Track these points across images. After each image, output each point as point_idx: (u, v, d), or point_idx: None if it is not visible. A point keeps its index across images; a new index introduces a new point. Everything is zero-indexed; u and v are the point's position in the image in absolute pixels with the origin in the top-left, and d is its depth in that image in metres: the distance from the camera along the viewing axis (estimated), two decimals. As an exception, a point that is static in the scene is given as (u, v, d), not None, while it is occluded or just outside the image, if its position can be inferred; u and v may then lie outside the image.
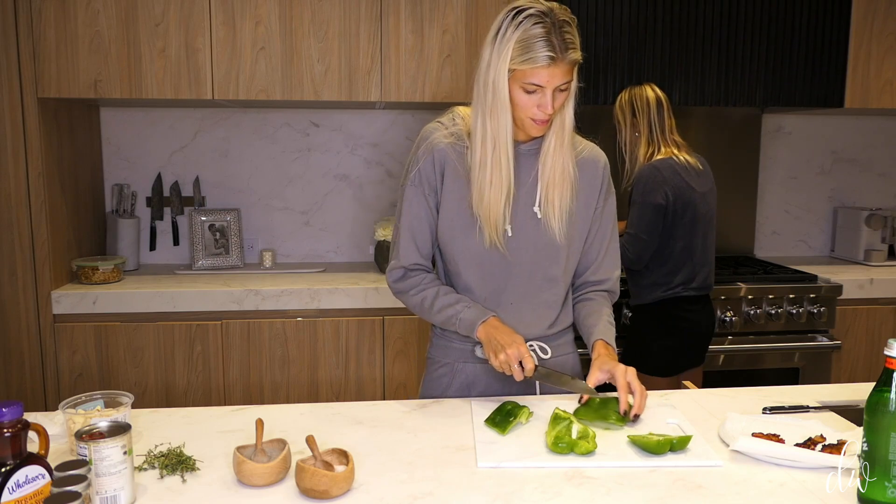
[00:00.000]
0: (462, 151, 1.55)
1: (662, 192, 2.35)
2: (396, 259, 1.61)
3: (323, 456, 1.20)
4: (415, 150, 1.60)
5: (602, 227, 1.65)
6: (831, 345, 2.76)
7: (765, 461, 1.27)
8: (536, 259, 1.58)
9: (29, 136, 2.52)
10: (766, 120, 3.34)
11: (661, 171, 2.37)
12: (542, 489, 1.18)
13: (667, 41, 2.78)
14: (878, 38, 2.91)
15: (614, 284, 1.70)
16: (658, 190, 2.35)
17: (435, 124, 1.60)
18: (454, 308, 1.56)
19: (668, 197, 2.35)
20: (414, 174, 1.58)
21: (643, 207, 2.37)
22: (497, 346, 1.49)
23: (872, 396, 1.09)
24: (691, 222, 2.39)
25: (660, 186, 2.35)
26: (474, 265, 1.58)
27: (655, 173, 2.37)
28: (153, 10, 2.55)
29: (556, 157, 1.53)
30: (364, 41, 2.66)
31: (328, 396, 2.68)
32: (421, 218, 1.58)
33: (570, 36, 1.41)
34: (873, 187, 3.48)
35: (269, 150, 3.12)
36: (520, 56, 1.40)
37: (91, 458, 1.07)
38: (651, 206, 2.36)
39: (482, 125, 1.48)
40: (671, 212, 2.37)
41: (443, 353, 1.69)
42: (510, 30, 1.42)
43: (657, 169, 2.38)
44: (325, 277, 2.82)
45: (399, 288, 1.63)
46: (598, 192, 1.62)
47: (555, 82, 1.43)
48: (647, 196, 2.36)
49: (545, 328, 1.63)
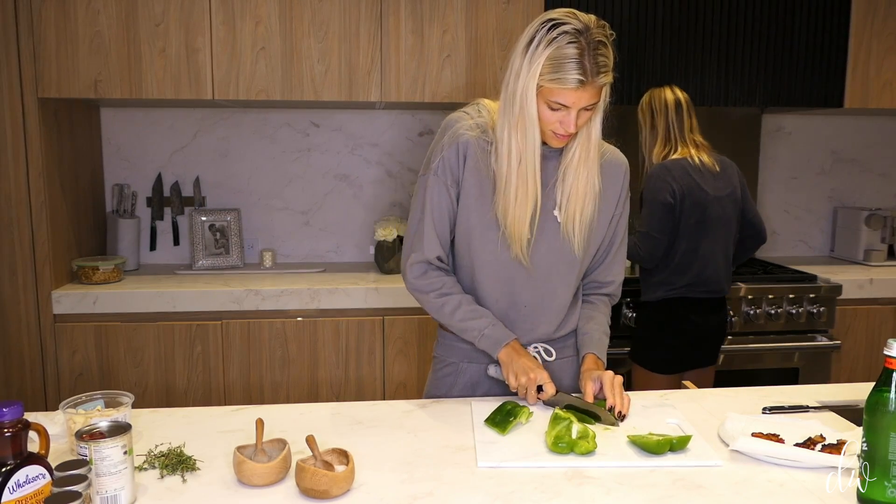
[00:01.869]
0: (486, 148, 1.52)
1: (670, 190, 2.36)
2: (419, 252, 1.56)
3: (323, 456, 1.20)
4: (438, 138, 1.56)
5: (616, 232, 1.65)
6: (831, 345, 2.76)
7: (765, 461, 1.27)
8: (554, 264, 1.57)
9: (29, 136, 2.52)
10: (766, 120, 3.34)
11: (671, 171, 2.38)
12: (542, 489, 1.18)
13: (667, 41, 2.78)
14: (878, 38, 2.91)
15: (617, 288, 1.70)
16: (665, 188, 2.36)
17: (460, 113, 1.56)
18: (477, 322, 1.55)
19: (675, 195, 2.36)
20: (437, 163, 1.54)
21: (653, 205, 2.39)
22: (518, 369, 1.50)
23: (872, 396, 1.09)
24: (699, 224, 2.39)
25: (667, 185, 2.37)
26: (490, 267, 1.57)
27: (664, 172, 2.39)
28: (153, 10, 2.55)
29: (580, 169, 1.51)
30: (364, 41, 2.66)
31: (328, 396, 2.68)
32: (443, 209, 1.55)
33: (603, 58, 1.38)
34: (873, 187, 3.48)
35: (269, 150, 3.12)
36: (549, 74, 1.38)
37: (91, 458, 1.07)
38: (660, 205, 2.37)
39: (508, 137, 1.46)
40: (678, 211, 2.37)
41: (448, 351, 1.69)
42: (542, 44, 1.38)
43: (667, 168, 2.39)
44: (325, 277, 2.82)
45: (419, 286, 1.58)
46: (617, 198, 1.62)
47: (581, 104, 1.41)
48: (656, 194, 2.38)
49: (552, 331, 1.63)
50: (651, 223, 2.39)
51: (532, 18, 2.70)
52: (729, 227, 2.46)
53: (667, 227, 2.39)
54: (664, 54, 2.78)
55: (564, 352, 1.66)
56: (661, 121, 2.45)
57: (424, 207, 1.55)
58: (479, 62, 2.71)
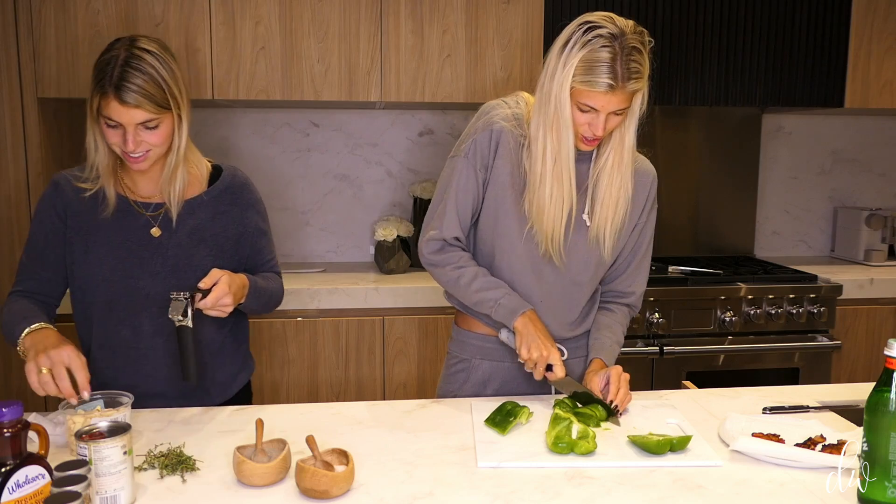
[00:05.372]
0: (521, 141, 1.52)
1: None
2: (438, 230, 1.57)
3: (323, 456, 1.20)
4: (474, 122, 1.57)
5: (640, 241, 1.65)
6: (831, 345, 2.76)
7: (765, 461, 1.27)
8: (577, 265, 1.58)
9: (29, 136, 2.52)
10: (766, 120, 3.34)
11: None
12: (542, 489, 1.18)
13: (667, 41, 2.78)
14: (878, 38, 2.91)
15: (637, 300, 1.70)
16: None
17: (498, 101, 1.57)
18: (494, 292, 1.54)
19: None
20: (468, 146, 1.54)
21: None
22: (532, 340, 1.50)
23: (872, 396, 1.09)
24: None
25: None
26: (511, 256, 1.57)
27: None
28: (153, 10, 2.55)
29: (613, 174, 1.52)
30: (364, 41, 2.66)
31: (328, 396, 2.68)
32: (468, 192, 1.55)
33: (636, 64, 1.39)
34: (873, 187, 3.47)
35: (269, 150, 3.12)
36: (581, 76, 1.39)
37: (91, 458, 1.07)
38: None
39: (543, 137, 1.46)
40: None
41: (460, 347, 1.69)
42: (577, 46, 1.39)
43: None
44: (325, 277, 2.82)
45: (434, 261, 1.59)
46: (643, 206, 1.62)
47: (609, 108, 1.41)
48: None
49: (565, 330, 1.63)
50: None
51: (532, 18, 2.72)
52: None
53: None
54: (664, 54, 2.78)
55: (576, 352, 1.67)
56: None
57: (449, 187, 1.56)
58: (479, 62, 2.71)
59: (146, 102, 1.40)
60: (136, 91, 1.39)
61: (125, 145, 1.43)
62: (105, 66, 1.40)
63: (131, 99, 1.39)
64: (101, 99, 1.40)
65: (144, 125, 1.43)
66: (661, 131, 3.21)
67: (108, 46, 1.44)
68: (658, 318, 2.65)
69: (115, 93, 1.38)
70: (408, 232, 2.92)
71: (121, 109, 1.39)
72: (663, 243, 3.21)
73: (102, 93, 1.40)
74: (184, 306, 1.39)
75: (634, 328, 2.66)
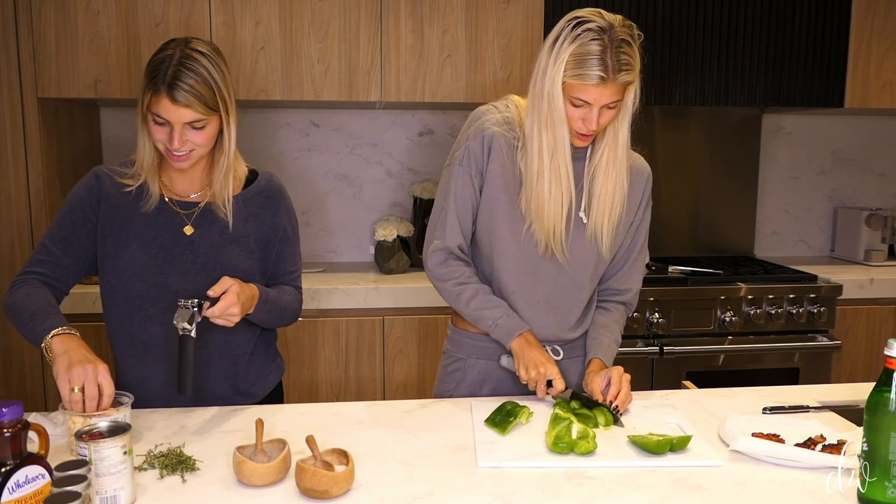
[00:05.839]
0: (513, 143, 1.53)
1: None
2: (441, 239, 1.59)
3: (323, 456, 1.20)
4: (465, 129, 1.59)
5: (635, 239, 1.65)
6: (831, 345, 2.76)
7: (765, 461, 1.27)
8: (578, 263, 1.58)
9: (29, 136, 2.52)
10: (766, 120, 3.34)
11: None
12: (542, 489, 1.18)
13: (667, 41, 2.78)
14: (878, 38, 2.91)
15: (633, 297, 1.70)
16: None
17: (488, 107, 1.59)
18: (492, 312, 1.56)
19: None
20: (462, 153, 1.56)
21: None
22: (530, 361, 1.52)
23: (872, 396, 1.09)
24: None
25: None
26: (510, 259, 1.58)
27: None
28: (153, 10, 2.55)
29: (609, 171, 1.52)
30: (364, 41, 2.66)
31: (328, 396, 2.68)
32: (466, 199, 1.57)
33: (626, 57, 1.40)
34: (873, 187, 3.47)
35: (269, 150, 3.11)
36: (572, 70, 1.40)
37: (91, 458, 1.07)
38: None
39: (538, 134, 1.47)
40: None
41: (456, 346, 1.70)
42: (567, 41, 1.40)
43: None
44: (325, 277, 2.82)
45: (438, 274, 1.60)
46: (638, 204, 1.62)
47: (602, 101, 1.42)
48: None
49: (565, 330, 1.64)
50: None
51: (532, 18, 2.72)
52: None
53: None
54: (664, 54, 2.78)
55: (574, 352, 1.67)
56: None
57: (448, 196, 1.58)
58: (479, 62, 2.71)
59: (196, 103, 1.41)
60: (187, 91, 1.40)
61: (171, 143, 1.44)
62: (159, 65, 1.41)
63: (182, 98, 1.40)
64: (153, 96, 1.41)
65: (192, 125, 1.44)
66: (661, 131, 3.21)
67: (163, 46, 1.46)
68: (658, 318, 2.65)
69: (168, 91, 1.40)
70: (408, 232, 2.92)
71: (171, 108, 1.41)
72: (663, 243, 3.21)
73: (155, 90, 1.41)
74: (190, 314, 1.38)
75: (634, 328, 2.66)
